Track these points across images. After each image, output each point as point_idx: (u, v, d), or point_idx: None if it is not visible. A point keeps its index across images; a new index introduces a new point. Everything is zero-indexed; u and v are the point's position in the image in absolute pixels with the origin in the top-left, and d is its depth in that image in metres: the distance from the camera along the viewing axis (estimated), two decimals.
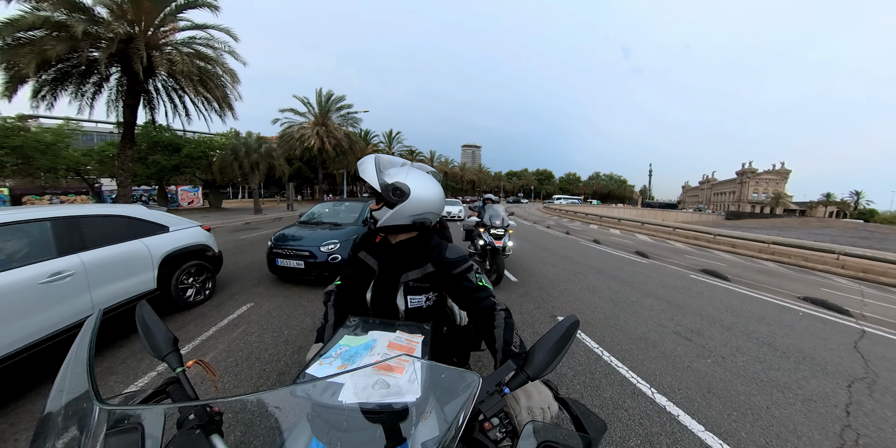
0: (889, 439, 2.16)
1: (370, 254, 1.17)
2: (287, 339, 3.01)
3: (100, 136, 26.87)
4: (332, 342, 0.81)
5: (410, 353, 0.79)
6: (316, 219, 5.92)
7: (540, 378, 0.64)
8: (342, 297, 1.25)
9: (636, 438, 1.97)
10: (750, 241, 11.71)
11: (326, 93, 25.89)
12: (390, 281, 1.10)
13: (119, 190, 10.57)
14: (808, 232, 26.17)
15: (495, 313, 0.99)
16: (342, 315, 1.17)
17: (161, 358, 0.68)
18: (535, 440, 0.54)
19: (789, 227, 31.58)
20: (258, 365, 2.59)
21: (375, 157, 1.04)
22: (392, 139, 42.82)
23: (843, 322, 4.64)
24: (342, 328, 0.91)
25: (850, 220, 56.50)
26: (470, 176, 76.15)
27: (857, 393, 2.72)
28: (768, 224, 36.45)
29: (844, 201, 74.96)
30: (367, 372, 0.64)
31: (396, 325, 0.94)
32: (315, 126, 25.09)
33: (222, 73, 11.31)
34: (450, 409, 0.59)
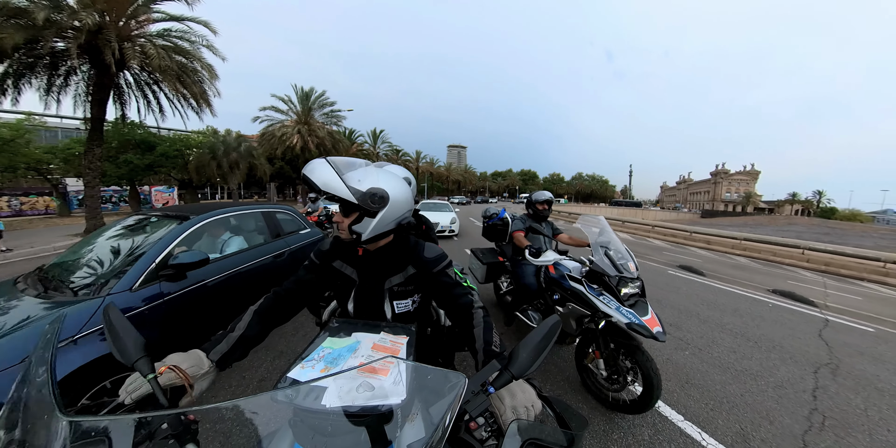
0: (851, 419, 2.33)
1: (346, 262, 1.09)
2: (267, 345, 2.90)
3: (65, 133, 25.09)
4: (315, 345, 0.80)
5: (395, 354, 0.79)
6: None
7: (524, 377, 0.65)
8: (281, 304, 1.03)
9: (619, 431, 2.02)
10: (724, 238, 12.30)
11: (308, 90, 25.11)
12: (374, 289, 1.06)
13: (86, 191, 9.91)
14: (776, 229, 27.64)
15: (473, 311, 0.97)
16: (262, 328, 0.96)
17: (130, 364, 0.65)
18: (520, 438, 0.55)
19: (759, 225, 33.26)
20: (237, 372, 2.48)
21: (329, 162, 0.91)
22: (377, 138, 42.35)
23: (809, 312, 4.93)
24: (324, 330, 0.89)
25: (813, 218, 60.10)
26: (456, 176, 76.39)
27: (823, 378, 2.90)
28: (740, 222, 38.30)
29: (808, 200, 79.69)
30: (352, 374, 0.63)
31: (381, 326, 0.93)
32: (297, 124, 24.35)
33: (200, 67, 10.80)
34: (435, 410, 0.59)
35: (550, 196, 3.30)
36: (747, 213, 70.38)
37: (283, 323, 1.04)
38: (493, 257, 3.75)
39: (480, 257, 3.80)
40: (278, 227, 3.40)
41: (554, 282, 2.58)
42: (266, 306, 1.01)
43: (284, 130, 23.82)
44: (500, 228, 3.70)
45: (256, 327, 0.94)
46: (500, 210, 3.84)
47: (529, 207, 3.31)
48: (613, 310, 2.01)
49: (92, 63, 9.14)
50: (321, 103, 25.52)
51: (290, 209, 3.79)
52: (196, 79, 10.83)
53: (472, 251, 4.07)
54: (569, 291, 2.36)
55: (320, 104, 25.53)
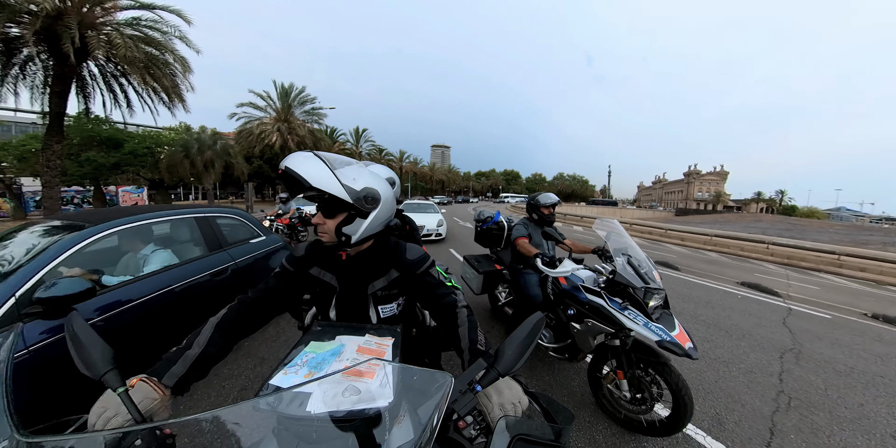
0: (813, 399, 2.53)
1: (325, 268, 1.02)
2: (247, 352, 2.78)
3: (20, 128, 23.26)
4: (298, 350, 0.77)
5: (381, 356, 0.78)
6: None
7: (510, 374, 0.66)
8: (247, 315, 0.92)
9: (603, 422, 2.09)
10: (696, 235, 12.98)
11: (288, 86, 24.02)
12: (357, 295, 1.02)
13: (44, 191, 9.18)
14: (743, 225, 29.23)
15: (457, 310, 0.96)
16: (225, 343, 0.84)
17: (98, 378, 0.60)
18: (509, 434, 0.55)
19: (728, 222, 35.07)
20: (216, 382, 2.36)
21: (319, 156, 0.85)
22: (359, 137, 41.61)
23: (774, 302, 5.29)
24: (307, 334, 0.86)
25: (777, 215, 64.18)
26: (439, 176, 76.22)
27: (788, 362, 3.13)
28: (711, 219, 40.25)
29: (772, 199, 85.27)
30: (336, 379, 0.61)
31: (366, 328, 0.91)
32: (276, 122, 23.35)
33: (172, 60, 10.16)
34: (423, 410, 0.59)
35: (557, 199, 2.89)
36: (717, 211, 74.24)
37: (251, 334, 0.94)
38: (490, 265, 3.39)
39: (476, 266, 3.40)
40: (218, 237, 2.73)
41: (566, 294, 2.24)
42: (229, 318, 0.89)
43: (263, 128, 22.83)
44: (495, 233, 3.45)
45: (219, 342, 0.82)
46: (495, 213, 3.57)
47: (533, 212, 2.89)
48: (641, 326, 1.74)
49: (51, 52, 8.43)
50: (302, 100, 24.50)
51: (238, 213, 3.15)
52: (167, 72, 10.22)
53: (465, 259, 3.70)
54: (586, 305, 2.05)
55: (301, 101, 24.51)
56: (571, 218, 21.95)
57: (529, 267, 2.79)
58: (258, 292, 0.98)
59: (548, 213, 2.86)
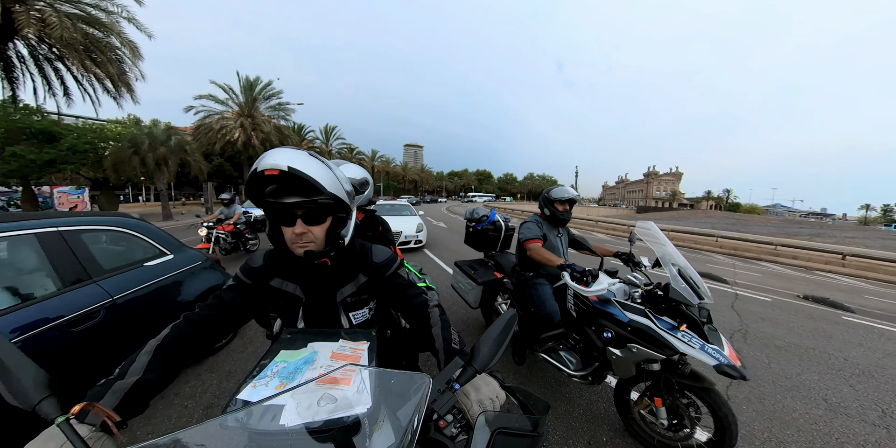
0: (759, 373, 2.81)
1: (287, 279, 0.95)
2: (211, 366, 2.55)
3: None
4: (267, 360, 0.74)
5: (356, 361, 0.76)
6: None
7: (486, 370, 0.67)
8: (196, 335, 0.81)
9: (579, 409, 2.20)
10: None
11: (253, 79, 22.31)
12: (325, 304, 0.97)
13: None
14: (696, 221, 31.68)
15: (429, 310, 0.94)
16: (168, 369, 0.73)
17: (31, 408, 0.52)
18: (489, 429, 0.57)
19: (682, 218, 37.86)
20: (177, 401, 2.15)
21: (313, 155, 0.81)
22: (329, 135, 40.28)
23: (723, 289, 5.88)
24: (276, 343, 0.82)
25: (724, 211, 70.39)
26: (412, 176, 75.72)
27: (736, 341, 3.49)
28: (667, 216, 43.24)
29: (720, 197, 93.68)
30: (310, 388, 0.59)
31: (339, 333, 0.89)
32: (239, 117, 21.59)
33: (119, 44, 9.09)
34: (403, 413, 0.58)
35: (574, 194, 2.39)
36: (673, 208, 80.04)
37: (201, 355, 0.87)
38: (489, 273, 2.91)
39: (472, 274, 2.93)
40: (83, 262, 1.87)
41: (599, 313, 1.89)
42: (172, 339, 0.77)
43: (224, 123, 21.05)
44: (491, 235, 3.07)
45: (159, 368, 0.71)
46: (490, 211, 3.21)
47: (546, 207, 2.44)
48: (698, 350, 1.49)
49: None
50: (267, 94, 22.86)
51: (128, 223, 2.31)
52: (113, 57, 9.17)
53: (457, 266, 3.22)
54: (628, 327, 1.71)
55: (266, 95, 22.86)
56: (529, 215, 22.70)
57: (542, 275, 2.36)
58: (208, 309, 0.86)
59: (562, 209, 2.39)
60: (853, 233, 26.78)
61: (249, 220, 6.68)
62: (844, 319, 4.70)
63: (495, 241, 3.12)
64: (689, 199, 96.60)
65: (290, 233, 0.82)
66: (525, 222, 2.45)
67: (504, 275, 2.82)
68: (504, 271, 2.83)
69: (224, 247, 6.15)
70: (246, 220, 6.57)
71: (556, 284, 2.34)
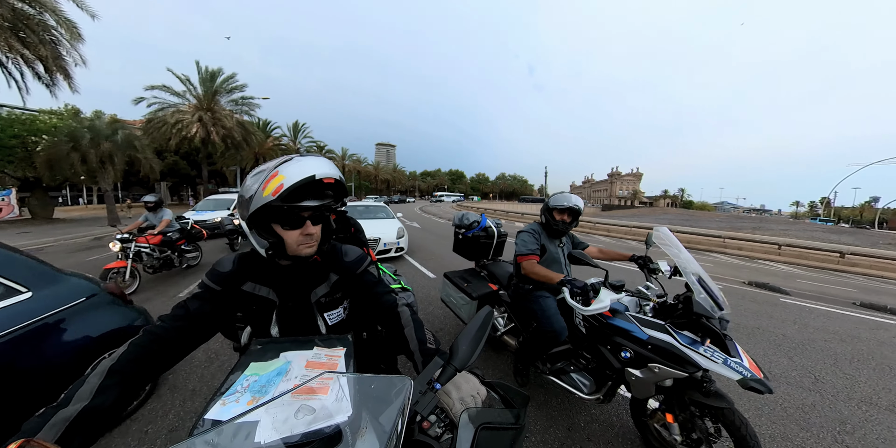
0: None
1: (259, 282, 0.92)
2: (173, 385, 2.33)
3: None
4: (236, 375, 0.70)
5: (333, 369, 0.74)
6: None
7: (466, 368, 0.68)
8: (159, 351, 0.74)
9: (556, 398, 2.28)
10: (619, 227, 15.01)
11: (215, 70, 20.29)
12: (300, 306, 0.95)
13: None
14: (654, 217, 33.91)
15: (398, 310, 0.93)
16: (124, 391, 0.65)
17: None
18: (473, 425, 0.57)
19: (643, 215, 40.38)
20: (135, 427, 1.92)
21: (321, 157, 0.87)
22: (297, 132, 38.52)
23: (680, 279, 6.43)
24: (245, 355, 0.78)
25: (679, 208, 76.20)
26: (384, 175, 74.36)
27: None
28: (630, 213, 45.97)
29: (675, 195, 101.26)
30: (286, 400, 0.57)
31: (313, 340, 0.86)
32: (197, 110, 19.62)
33: (55, 23, 7.84)
34: (386, 418, 0.58)
35: (576, 202, 2.11)
36: (635, 206, 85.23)
37: (164, 372, 0.76)
38: (483, 286, 2.68)
39: (465, 287, 2.67)
40: None
41: (613, 329, 1.73)
42: (131, 357, 0.69)
43: (181, 117, 19.00)
44: (483, 242, 2.86)
45: (113, 391, 0.62)
46: (481, 216, 2.99)
47: (545, 215, 2.22)
48: (721, 365, 1.39)
49: None
50: (230, 87, 20.93)
51: None
52: (47, 37, 7.93)
53: (447, 277, 2.97)
54: (648, 345, 1.57)
55: (229, 88, 20.93)
56: (514, 215, 23.21)
57: (544, 287, 2.13)
58: (173, 320, 0.79)
59: (559, 219, 2.14)
60: (787, 226, 30.04)
61: (186, 228, 5.45)
62: (782, 301, 5.35)
63: (487, 249, 2.91)
64: (649, 198, 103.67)
65: (296, 235, 0.83)
66: (521, 232, 2.20)
67: (499, 286, 2.63)
68: (499, 282, 2.64)
69: (150, 264, 4.72)
70: (181, 229, 5.32)
71: (559, 296, 2.10)
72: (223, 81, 20.48)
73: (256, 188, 0.77)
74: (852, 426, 2.22)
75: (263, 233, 0.83)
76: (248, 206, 0.79)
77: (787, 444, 2.00)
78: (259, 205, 0.77)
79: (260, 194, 0.76)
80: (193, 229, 5.68)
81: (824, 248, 10.63)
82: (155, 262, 4.76)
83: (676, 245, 1.78)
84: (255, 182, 0.78)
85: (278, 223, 0.83)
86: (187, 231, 5.44)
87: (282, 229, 0.83)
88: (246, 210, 0.80)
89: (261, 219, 0.82)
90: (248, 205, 0.79)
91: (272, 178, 0.76)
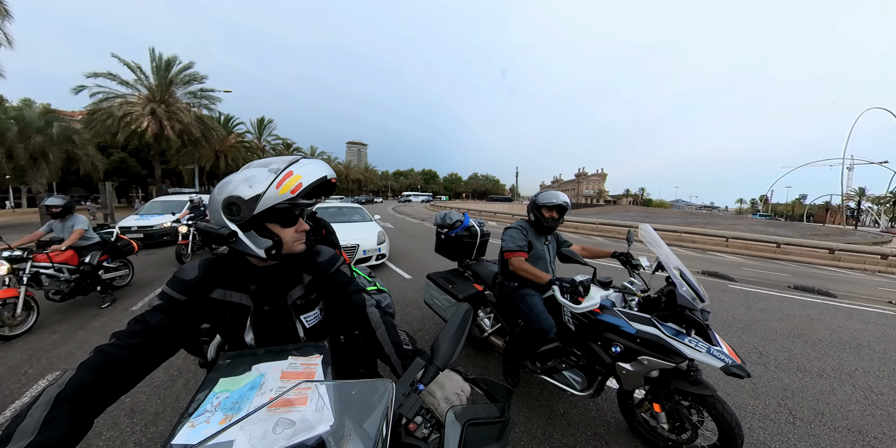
0: None
1: (231, 288, 0.88)
2: (131, 409, 2.07)
3: None
4: (204, 392, 0.65)
5: (310, 378, 0.71)
6: None
7: (449, 366, 0.68)
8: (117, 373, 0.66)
9: (536, 389, 2.34)
10: (586, 224, 15.84)
11: (170, 58, 17.69)
12: (276, 310, 0.92)
13: None
14: (618, 215, 35.89)
15: (367, 311, 0.92)
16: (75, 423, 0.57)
17: None
18: (459, 423, 0.58)
19: (608, 212, 42.65)
20: None
21: None
22: (263, 128, 36.37)
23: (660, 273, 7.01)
24: (213, 371, 0.73)
25: (640, 206, 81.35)
26: (356, 175, 72.01)
27: None
28: (595, 211, 48.36)
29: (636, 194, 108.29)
30: (262, 416, 0.54)
31: (287, 350, 0.82)
32: (149, 102, 17.18)
33: None
34: (370, 424, 0.56)
35: (563, 200, 2.15)
36: (600, 204, 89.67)
37: (121, 396, 0.67)
38: (468, 286, 2.65)
39: (450, 289, 2.64)
40: None
41: (603, 326, 1.77)
42: (83, 382, 0.60)
43: (129, 109, 16.70)
44: (466, 242, 2.82)
45: (62, 424, 0.54)
46: (464, 215, 2.95)
47: (533, 212, 2.24)
48: (705, 353, 1.47)
49: None
50: (187, 78, 18.75)
51: None
52: None
53: (430, 279, 2.91)
54: (637, 339, 1.63)
55: (186, 79, 18.74)
56: (486, 214, 23.58)
57: (529, 285, 2.14)
58: (130, 337, 0.71)
59: (549, 216, 2.17)
60: (733, 221, 33.15)
61: (109, 240, 4.23)
62: (730, 287, 5.99)
63: (470, 249, 2.87)
64: (613, 197, 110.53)
65: (293, 232, 0.85)
66: (508, 228, 2.23)
67: (484, 286, 2.61)
68: (484, 282, 2.62)
69: (56, 289, 3.57)
70: (101, 241, 4.09)
71: (545, 295, 2.14)
72: (180, 71, 18.37)
73: (266, 188, 0.76)
74: (792, 392, 2.54)
75: (263, 233, 0.82)
76: (253, 207, 0.77)
77: (741, 411, 2.24)
78: (272, 204, 0.77)
79: (274, 193, 0.76)
80: (120, 241, 4.40)
81: (763, 239, 11.89)
82: (62, 286, 3.59)
83: (658, 241, 1.86)
84: (260, 182, 0.77)
85: (276, 222, 0.83)
86: (111, 244, 4.21)
87: (280, 228, 0.83)
88: (249, 211, 0.77)
89: (260, 219, 0.80)
90: (251, 205, 0.76)
91: (287, 178, 0.77)
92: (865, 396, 2.54)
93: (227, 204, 0.78)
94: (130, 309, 3.84)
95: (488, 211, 24.54)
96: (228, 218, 0.79)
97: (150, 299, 4.13)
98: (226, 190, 0.78)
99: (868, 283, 7.70)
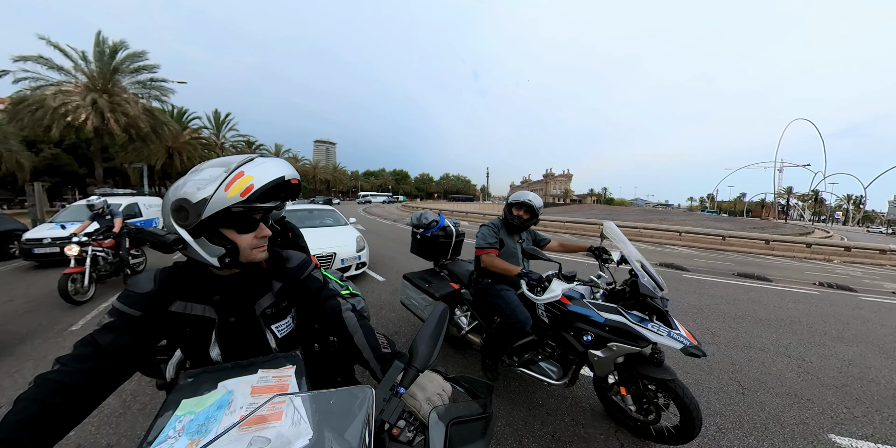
0: None
1: (192, 300, 0.81)
2: (77, 444, 1.80)
3: None
4: (165, 416, 0.59)
5: (284, 391, 0.68)
6: None
7: (428, 367, 0.68)
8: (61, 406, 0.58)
9: (516, 382, 2.42)
10: (554, 221, 16.59)
11: (116, 42, 15.53)
12: (245, 321, 0.86)
13: None
14: (584, 213, 37.73)
15: (343, 316, 0.89)
16: None
17: None
18: (443, 423, 0.58)
19: (574, 211, 44.69)
20: None
21: None
22: (221, 124, 33.44)
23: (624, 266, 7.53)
24: (174, 392, 0.67)
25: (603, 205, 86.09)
26: (324, 175, 68.34)
27: None
28: (562, 210, 50.51)
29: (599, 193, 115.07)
30: (234, 436, 0.50)
31: (256, 363, 0.78)
32: (89, 92, 15.01)
33: None
34: (351, 433, 0.55)
35: (531, 198, 2.23)
36: (566, 203, 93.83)
37: (69, 431, 0.59)
38: (444, 285, 2.69)
39: (426, 288, 2.67)
40: None
41: (575, 316, 1.90)
42: (23, 418, 0.54)
43: (65, 98, 14.28)
44: (442, 242, 2.87)
45: None
46: (439, 216, 2.97)
47: (505, 210, 2.34)
48: (666, 337, 1.63)
49: None
50: (135, 66, 16.38)
51: None
52: None
53: (406, 279, 2.94)
54: (606, 327, 1.77)
55: (135, 67, 16.38)
56: (458, 214, 23.79)
57: (506, 282, 2.23)
58: (79, 361, 0.63)
59: (516, 214, 2.25)
60: (685, 217, 36.34)
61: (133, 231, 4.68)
62: (684, 277, 6.57)
63: (446, 249, 2.91)
64: (578, 196, 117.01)
65: (251, 238, 0.78)
66: (482, 226, 2.33)
67: (461, 285, 2.65)
68: (460, 281, 2.67)
69: (104, 270, 4.53)
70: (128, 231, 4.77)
71: (519, 291, 2.18)
72: (126, 58, 16.06)
73: (214, 190, 0.68)
74: (740, 366, 2.84)
75: (216, 239, 0.74)
76: (200, 211, 0.69)
77: (699, 388, 2.48)
78: (220, 207, 0.69)
79: (222, 196, 0.68)
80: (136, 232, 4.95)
81: (711, 233, 13.18)
82: (108, 267, 4.58)
83: (621, 237, 2.02)
84: (208, 184, 0.69)
85: (232, 228, 0.75)
86: (134, 235, 5.00)
87: (236, 234, 0.76)
88: (196, 215, 0.70)
89: (211, 224, 0.72)
90: (198, 209, 0.69)
91: (238, 179, 0.69)
92: (798, 365, 2.94)
93: (175, 207, 0.71)
94: None
95: (460, 211, 24.73)
96: (178, 223, 0.72)
97: (95, 316, 3.76)
98: (178, 192, 0.71)
99: (797, 268, 8.84)
